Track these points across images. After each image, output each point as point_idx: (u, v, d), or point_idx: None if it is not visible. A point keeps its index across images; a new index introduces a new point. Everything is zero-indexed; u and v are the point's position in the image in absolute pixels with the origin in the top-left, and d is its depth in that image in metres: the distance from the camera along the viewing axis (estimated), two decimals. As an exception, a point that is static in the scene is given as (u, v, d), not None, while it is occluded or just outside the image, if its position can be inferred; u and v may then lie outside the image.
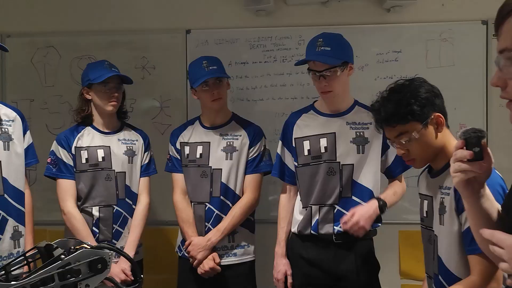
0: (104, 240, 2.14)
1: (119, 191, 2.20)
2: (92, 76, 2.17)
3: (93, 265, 1.14)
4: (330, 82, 1.96)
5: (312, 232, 2.03)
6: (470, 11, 2.74)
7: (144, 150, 2.33)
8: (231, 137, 2.24)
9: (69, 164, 2.18)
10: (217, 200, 2.20)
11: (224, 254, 2.20)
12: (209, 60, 2.23)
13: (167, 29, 2.88)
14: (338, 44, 1.99)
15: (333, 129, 2.02)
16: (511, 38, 0.87)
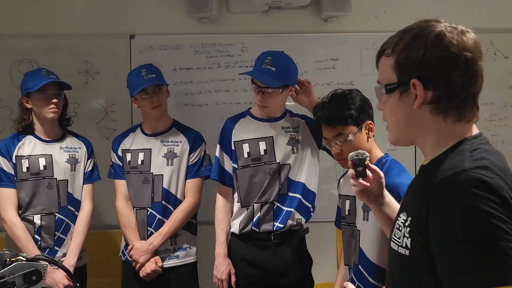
0: (46, 248, 2.14)
1: (61, 199, 2.21)
2: (29, 85, 2.16)
3: (28, 277, 1.18)
4: (268, 99, 2.09)
5: (253, 229, 2.12)
6: (401, 22, 2.78)
7: (87, 157, 2.33)
8: (171, 144, 2.29)
9: (10, 173, 2.16)
10: (159, 205, 2.24)
11: (166, 256, 2.25)
12: (148, 69, 2.28)
13: (111, 33, 2.87)
14: (284, 67, 2.09)
15: (270, 133, 2.15)
16: (382, 74, 1.04)
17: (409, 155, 2.84)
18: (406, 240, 0.97)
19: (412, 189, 1.07)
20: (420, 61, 0.96)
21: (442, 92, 0.96)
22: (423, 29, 1.00)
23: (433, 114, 0.98)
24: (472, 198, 0.84)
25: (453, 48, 0.96)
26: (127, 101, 2.84)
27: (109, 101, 2.88)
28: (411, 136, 1.04)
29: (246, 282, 2.14)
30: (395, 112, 1.03)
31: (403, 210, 1.02)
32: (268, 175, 2.12)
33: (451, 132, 0.98)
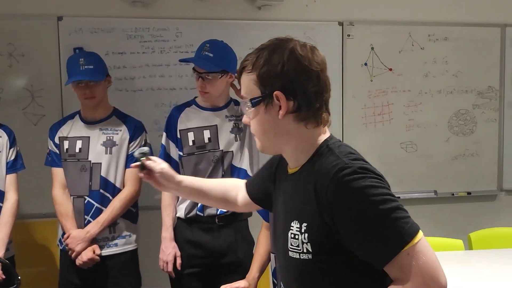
0: None
1: None
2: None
3: None
4: (208, 85, 2.12)
5: (198, 213, 2.16)
6: (329, 13, 3.02)
7: (9, 146, 2.19)
8: (111, 132, 2.24)
9: None
10: (97, 194, 2.19)
11: (105, 245, 2.20)
12: (86, 58, 2.19)
13: (36, 14, 2.69)
14: (222, 53, 2.14)
15: (215, 121, 2.19)
16: (245, 90, 1.12)
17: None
18: (306, 246, 1.05)
19: (290, 197, 1.13)
20: (280, 74, 1.05)
21: (302, 101, 1.06)
22: (278, 45, 1.09)
23: (296, 122, 1.08)
24: (363, 181, 0.98)
25: (306, 62, 1.06)
26: (56, 86, 2.72)
27: (36, 85, 2.71)
28: (278, 144, 1.13)
29: (190, 263, 2.18)
30: (262, 123, 1.10)
31: (293, 219, 1.08)
32: (212, 162, 2.16)
33: (312, 137, 1.10)
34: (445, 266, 1.05)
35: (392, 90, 3.13)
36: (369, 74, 3.09)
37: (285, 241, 1.10)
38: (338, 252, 1.03)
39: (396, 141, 3.16)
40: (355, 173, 0.99)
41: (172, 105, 2.81)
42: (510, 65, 3.24)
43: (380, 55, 3.08)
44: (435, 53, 3.14)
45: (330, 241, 1.02)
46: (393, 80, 3.12)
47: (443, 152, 3.21)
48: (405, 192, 3.16)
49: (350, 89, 3.06)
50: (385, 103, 3.13)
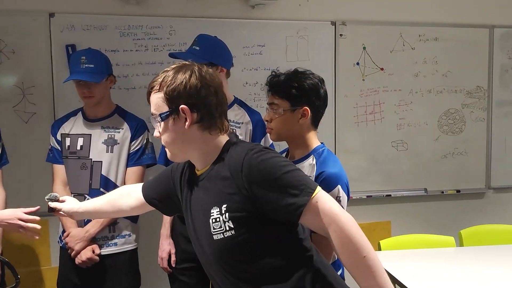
0: None
1: None
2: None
3: None
4: None
5: None
6: (322, 12, 3.01)
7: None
8: (112, 130, 2.19)
9: None
10: (97, 192, 2.13)
11: (104, 244, 2.17)
12: (89, 56, 2.13)
13: (27, 10, 2.63)
14: (209, 46, 2.13)
15: None
16: (154, 107, 1.26)
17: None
18: (228, 224, 1.20)
19: (205, 192, 1.27)
20: (183, 91, 1.22)
21: (204, 112, 1.24)
22: (180, 68, 1.26)
23: (201, 131, 1.25)
24: (268, 154, 1.21)
25: (205, 80, 1.25)
26: (48, 83, 2.66)
27: (27, 83, 2.65)
28: (186, 151, 1.28)
29: (185, 257, 2.16)
30: (170, 134, 1.25)
31: (211, 207, 1.23)
32: None
33: (217, 141, 1.28)
34: (439, 263, 1.07)
35: (384, 90, 3.14)
36: (361, 73, 3.10)
37: (208, 229, 1.23)
38: (258, 223, 1.20)
39: (387, 140, 3.17)
40: (260, 151, 1.22)
41: (165, 103, 2.79)
42: (498, 65, 3.28)
43: (372, 54, 3.09)
44: (426, 53, 3.17)
45: (250, 214, 1.19)
46: (384, 79, 3.13)
47: (433, 150, 3.23)
48: (396, 190, 3.18)
49: (342, 88, 3.06)
50: (377, 102, 3.14)
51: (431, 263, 2.23)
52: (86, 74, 2.08)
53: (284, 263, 1.23)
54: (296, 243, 1.26)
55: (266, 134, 2.22)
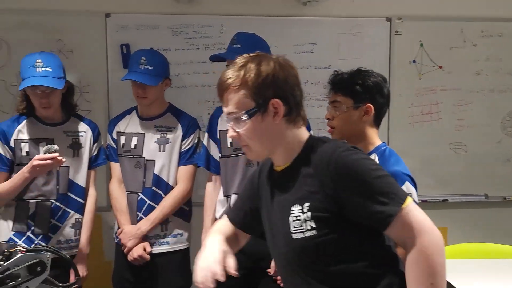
0: (39, 234, 1.99)
1: (60, 186, 2.03)
2: (21, 75, 1.95)
3: (32, 268, 1.16)
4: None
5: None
6: (377, 8, 2.88)
7: (92, 141, 2.15)
8: (165, 129, 2.19)
9: (5, 157, 1.98)
10: (149, 191, 2.15)
11: (156, 242, 2.17)
12: (148, 58, 2.12)
13: (85, 11, 2.69)
14: (250, 43, 2.06)
15: None
16: (235, 105, 1.16)
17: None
18: (310, 223, 1.12)
19: (285, 189, 1.19)
20: (272, 83, 1.14)
21: (292, 104, 1.16)
22: (259, 60, 1.17)
23: (287, 124, 1.18)
24: (357, 154, 1.13)
25: (289, 69, 1.18)
26: (103, 82, 2.71)
27: (83, 81, 2.71)
28: (271, 147, 1.21)
29: None
30: (258, 131, 1.17)
31: (292, 204, 1.15)
32: (246, 166, 2.06)
33: (300, 134, 1.21)
34: (501, 275, 0.97)
35: (441, 89, 2.95)
36: (417, 71, 2.93)
37: (286, 227, 1.16)
38: (341, 226, 1.12)
39: (444, 142, 2.98)
40: (349, 150, 1.13)
41: (216, 102, 2.76)
42: None
43: (430, 52, 2.92)
44: (488, 50, 2.95)
45: (333, 214, 1.11)
46: (442, 78, 2.94)
47: (495, 153, 3.01)
48: (453, 194, 2.99)
49: (397, 87, 2.90)
50: (434, 102, 2.96)
51: (493, 274, 2.06)
52: (143, 75, 2.08)
53: (367, 268, 1.13)
54: (381, 248, 1.16)
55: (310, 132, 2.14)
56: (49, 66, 1.92)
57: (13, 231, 1.97)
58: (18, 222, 1.98)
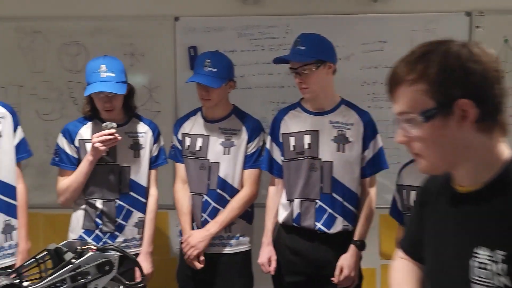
0: (107, 232, 2.07)
1: (122, 185, 2.09)
2: (86, 80, 2.03)
3: (101, 267, 1.21)
4: (305, 79, 1.96)
5: (294, 224, 2.03)
6: (454, 2, 2.66)
7: (153, 141, 2.18)
8: (230, 132, 2.18)
9: (72, 156, 2.07)
10: (214, 193, 2.16)
11: (219, 243, 2.18)
12: (213, 60, 2.12)
13: (155, 15, 2.77)
14: (314, 43, 1.99)
15: (316, 126, 2.02)
16: (408, 103, 0.93)
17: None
18: (504, 280, 0.85)
19: (471, 219, 0.93)
20: (463, 79, 0.89)
21: (488, 108, 0.89)
22: (447, 48, 0.92)
23: (479, 133, 0.91)
24: None
25: (488, 62, 0.90)
26: (171, 84, 2.78)
27: (153, 83, 2.80)
28: (455, 161, 0.95)
29: (290, 270, 2.07)
30: (437, 138, 0.92)
31: (478, 245, 0.89)
32: (309, 170, 2.00)
33: (496, 149, 0.92)
34: None
35: (529, 88, 2.65)
36: (500, 70, 2.66)
37: (463, 271, 0.92)
38: None
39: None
40: None
41: (280, 103, 2.73)
42: None
43: (516, 48, 2.64)
44: None
45: None
46: (530, 76, 2.65)
47: None
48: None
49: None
50: (520, 103, 2.67)
51: None
52: (207, 77, 2.09)
53: None
54: None
55: (377, 135, 2.01)
56: (112, 71, 1.99)
57: (83, 229, 2.07)
58: (87, 220, 2.07)
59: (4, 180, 1.88)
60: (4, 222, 1.87)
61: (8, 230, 1.89)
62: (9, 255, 1.90)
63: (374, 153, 2.02)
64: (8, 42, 2.79)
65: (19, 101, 2.80)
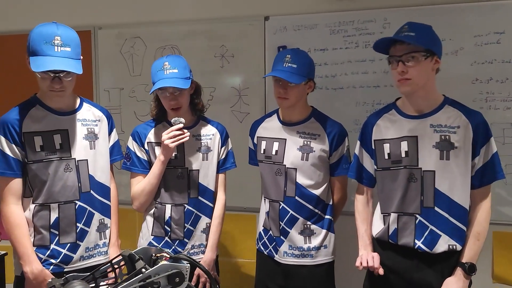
0: (176, 239, 2.00)
1: (190, 190, 2.00)
2: (152, 80, 1.98)
3: (171, 278, 1.16)
4: (410, 69, 1.66)
5: (390, 241, 1.77)
6: None
7: (220, 144, 2.08)
8: (308, 136, 2.01)
9: (143, 159, 2.04)
10: (291, 200, 2.00)
11: (299, 254, 2.02)
12: (293, 56, 1.96)
13: (245, 16, 2.70)
14: (425, 32, 1.69)
15: (415, 132, 1.73)
16: None
17: None
18: None
19: None
20: None
21: None
22: None
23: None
24: None
25: None
26: (260, 85, 2.69)
27: (243, 84, 2.73)
28: None
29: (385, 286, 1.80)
30: None
31: None
32: (407, 181, 1.73)
33: None
34: None
35: None
36: None
37: None
38: None
39: None
40: None
41: (375, 104, 2.49)
42: None
43: None
44: None
45: None
46: None
47: None
48: None
49: None
50: None
51: None
52: (286, 73, 1.94)
53: None
54: None
55: (490, 139, 1.68)
56: (175, 67, 1.92)
57: (152, 235, 2.02)
58: (156, 227, 2.02)
59: (100, 181, 1.92)
60: (99, 220, 1.92)
61: (102, 229, 1.93)
62: (103, 253, 1.94)
63: (486, 160, 1.68)
64: (111, 48, 2.93)
65: (120, 103, 2.94)
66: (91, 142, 1.89)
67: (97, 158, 1.90)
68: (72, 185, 1.81)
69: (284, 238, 2.03)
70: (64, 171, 1.79)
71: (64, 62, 1.67)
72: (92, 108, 1.95)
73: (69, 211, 1.81)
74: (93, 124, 1.91)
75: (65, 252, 1.81)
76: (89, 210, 1.87)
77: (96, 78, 2.98)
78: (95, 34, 2.95)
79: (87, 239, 1.87)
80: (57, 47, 1.67)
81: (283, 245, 2.02)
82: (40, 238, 1.79)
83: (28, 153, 1.76)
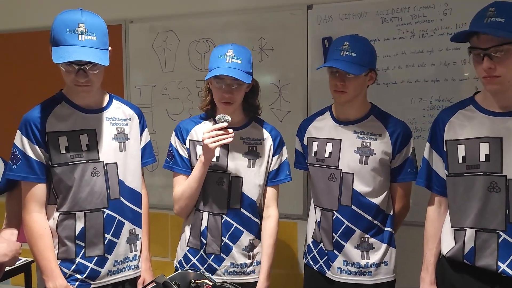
0: (211, 253, 1.73)
1: (231, 198, 1.72)
2: (209, 66, 1.70)
3: None
4: (499, 64, 1.35)
5: (465, 262, 1.46)
6: None
7: (273, 153, 1.77)
8: (368, 137, 1.72)
9: (185, 157, 1.77)
10: (348, 209, 1.72)
11: (356, 272, 1.74)
12: (352, 43, 1.66)
13: (286, 5, 2.43)
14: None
15: (499, 132, 1.41)
16: None
17: None
18: None
19: None
20: None
21: None
22: None
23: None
24: None
25: None
26: (303, 80, 2.43)
27: (283, 80, 2.47)
28: None
29: None
30: None
31: None
32: (488, 190, 1.42)
33: None
34: None
35: None
36: None
37: None
38: None
39: None
40: None
41: (433, 101, 2.19)
42: None
43: None
44: None
45: None
46: None
47: None
48: None
49: None
50: None
51: None
52: (344, 63, 1.65)
53: None
54: None
55: None
56: (240, 58, 1.65)
57: (188, 246, 1.77)
58: (192, 237, 1.76)
59: (131, 186, 1.68)
60: (130, 231, 1.69)
61: (133, 240, 1.70)
62: (133, 267, 1.71)
63: None
64: (142, 43, 2.73)
65: (152, 101, 2.74)
66: (121, 143, 1.66)
67: (127, 161, 1.67)
68: (100, 191, 1.59)
69: (338, 252, 1.75)
70: (91, 175, 1.58)
71: (88, 52, 1.44)
72: (122, 105, 1.72)
73: (96, 220, 1.59)
74: (123, 123, 1.69)
75: (92, 267, 1.59)
76: (119, 219, 1.64)
77: (127, 74, 2.78)
78: (126, 28, 2.75)
79: (116, 251, 1.64)
80: (81, 35, 1.44)
81: (337, 261, 1.75)
82: (64, 251, 1.58)
83: (52, 155, 1.55)
